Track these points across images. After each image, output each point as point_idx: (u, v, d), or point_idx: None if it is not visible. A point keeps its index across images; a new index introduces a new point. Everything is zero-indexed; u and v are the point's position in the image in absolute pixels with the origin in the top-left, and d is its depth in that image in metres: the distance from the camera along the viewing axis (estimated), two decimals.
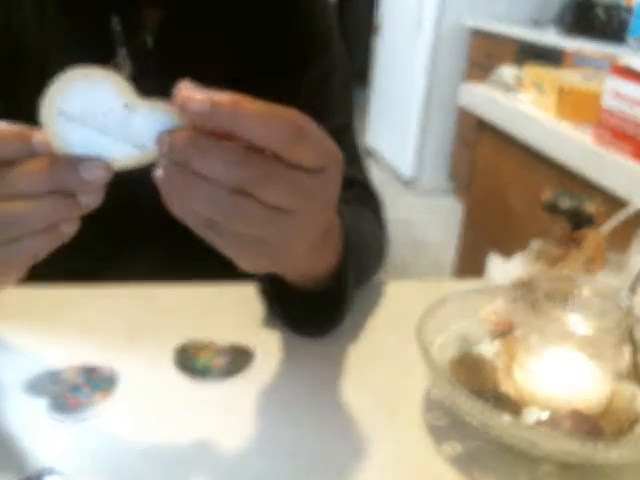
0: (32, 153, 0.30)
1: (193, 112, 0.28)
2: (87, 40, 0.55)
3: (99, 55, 0.56)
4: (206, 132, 0.29)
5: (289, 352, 0.49)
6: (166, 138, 0.29)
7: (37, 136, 0.30)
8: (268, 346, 0.49)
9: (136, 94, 0.30)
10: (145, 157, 0.31)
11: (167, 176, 0.30)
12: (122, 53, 0.56)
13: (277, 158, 0.30)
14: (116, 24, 0.56)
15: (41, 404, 0.41)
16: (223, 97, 0.29)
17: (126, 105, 0.30)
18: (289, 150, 0.30)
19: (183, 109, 0.28)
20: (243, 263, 0.34)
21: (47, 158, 0.30)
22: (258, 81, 0.60)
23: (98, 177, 0.30)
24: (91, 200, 0.31)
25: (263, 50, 0.61)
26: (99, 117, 0.30)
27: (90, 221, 0.33)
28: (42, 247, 0.32)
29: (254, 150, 0.29)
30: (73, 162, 0.30)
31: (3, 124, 0.30)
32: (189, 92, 0.29)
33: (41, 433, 0.39)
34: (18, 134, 0.30)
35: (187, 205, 0.31)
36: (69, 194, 0.31)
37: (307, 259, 0.42)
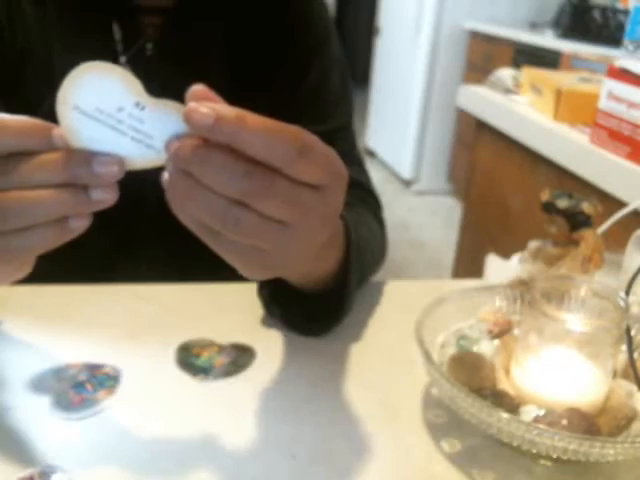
0: (50, 147, 0.31)
1: (196, 125, 0.29)
2: (88, 47, 0.56)
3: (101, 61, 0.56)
4: (213, 142, 0.29)
5: (290, 351, 0.49)
6: (175, 143, 0.30)
7: (56, 131, 0.31)
8: (269, 345, 0.49)
9: (146, 93, 0.30)
10: (157, 160, 0.31)
11: (171, 181, 0.31)
12: (122, 60, 0.57)
13: (279, 172, 0.30)
14: (116, 31, 0.56)
15: (45, 401, 0.41)
16: (228, 111, 0.29)
17: (137, 104, 0.30)
18: (291, 166, 0.30)
19: (187, 120, 0.29)
20: (242, 270, 0.35)
21: (62, 151, 0.31)
22: (258, 85, 0.61)
23: (110, 172, 0.31)
24: (102, 196, 0.31)
25: (262, 54, 0.61)
26: (112, 114, 0.30)
27: (92, 220, 0.33)
28: (50, 240, 0.32)
29: (256, 163, 0.30)
30: (87, 156, 0.30)
31: (24, 118, 0.31)
32: (195, 104, 0.29)
33: (45, 430, 0.39)
34: (38, 127, 0.31)
35: (188, 212, 0.32)
36: (81, 189, 0.31)
37: (309, 264, 0.43)
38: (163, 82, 0.56)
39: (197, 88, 0.30)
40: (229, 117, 0.29)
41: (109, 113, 0.30)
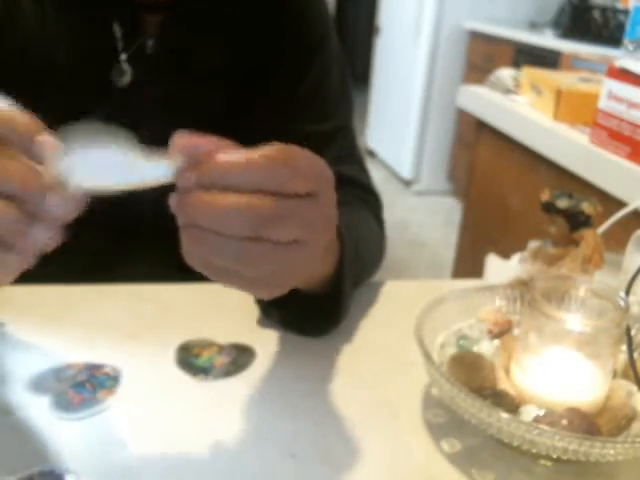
0: (30, 148, 0.29)
1: (184, 186, 0.30)
2: (89, 45, 0.56)
3: (101, 60, 0.56)
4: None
5: (290, 351, 0.49)
6: (174, 200, 0.31)
7: (43, 137, 0.29)
8: (269, 345, 0.49)
9: (137, 147, 0.30)
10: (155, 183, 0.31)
11: (181, 233, 0.32)
12: (123, 58, 0.57)
13: (277, 194, 0.31)
14: (117, 30, 0.56)
15: (44, 401, 0.41)
16: (208, 167, 0.30)
17: (126, 157, 0.30)
18: (286, 186, 0.31)
19: (177, 183, 0.30)
20: (252, 294, 0.35)
21: (30, 168, 0.29)
22: (258, 84, 0.61)
23: (63, 213, 0.30)
24: (45, 233, 0.30)
25: (262, 52, 0.61)
26: (104, 168, 0.30)
27: (89, 221, 0.33)
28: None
29: (255, 192, 0.31)
30: (46, 188, 0.29)
31: (16, 110, 0.30)
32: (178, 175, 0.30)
33: (44, 430, 0.39)
34: (29, 126, 0.30)
35: (201, 258, 0.32)
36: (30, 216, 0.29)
37: (311, 272, 0.43)
38: (163, 79, 0.56)
39: (179, 139, 0.31)
40: (211, 169, 0.30)
41: (100, 168, 0.30)
